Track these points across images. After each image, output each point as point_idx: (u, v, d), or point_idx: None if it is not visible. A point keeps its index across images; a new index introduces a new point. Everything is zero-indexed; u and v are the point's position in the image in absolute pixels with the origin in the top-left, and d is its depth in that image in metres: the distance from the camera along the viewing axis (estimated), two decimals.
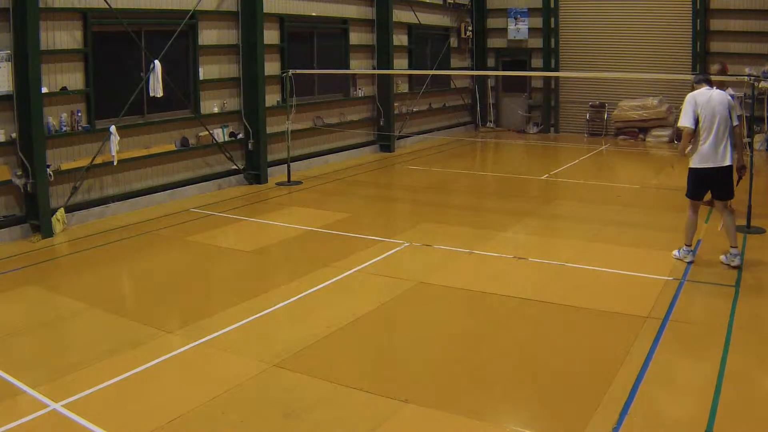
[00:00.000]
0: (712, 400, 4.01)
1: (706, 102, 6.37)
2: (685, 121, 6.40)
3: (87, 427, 3.83)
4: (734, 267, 6.39)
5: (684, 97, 6.64)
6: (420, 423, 3.92)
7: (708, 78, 6.74)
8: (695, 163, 6.46)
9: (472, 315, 5.62)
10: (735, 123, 6.39)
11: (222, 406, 4.07)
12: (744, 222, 7.79)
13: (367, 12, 14.11)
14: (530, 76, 17.48)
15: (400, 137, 14.97)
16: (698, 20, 15.09)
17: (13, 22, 7.64)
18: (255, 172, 11.08)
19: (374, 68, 14.26)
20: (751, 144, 9.65)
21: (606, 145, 15.33)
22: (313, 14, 12.65)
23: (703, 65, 15.03)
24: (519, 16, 17.50)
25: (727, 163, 6.36)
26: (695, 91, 6.49)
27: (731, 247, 6.48)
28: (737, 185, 6.72)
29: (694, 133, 6.36)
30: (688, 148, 6.50)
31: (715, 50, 15.09)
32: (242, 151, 11.11)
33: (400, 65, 15.28)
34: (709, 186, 6.51)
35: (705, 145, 6.34)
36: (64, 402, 4.09)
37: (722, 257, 6.59)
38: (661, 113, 15.26)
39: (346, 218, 8.77)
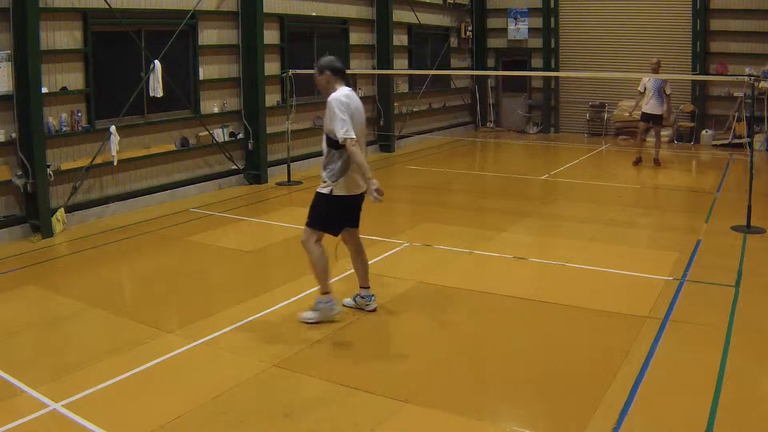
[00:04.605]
0: (712, 400, 4.01)
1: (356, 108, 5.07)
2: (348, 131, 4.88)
3: (87, 427, 3.82)
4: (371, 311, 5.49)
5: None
6: (420, 423, 3.92)
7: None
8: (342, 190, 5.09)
9: (472, 315, 5.62)
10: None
11: (222, 406, 4.07)
12: (744, 222, 7.79)
13: (367, 12, 14.11)
14: (530, 76, 17.49)
15: (400, 137, 14.97)
16: (698, 20, 15.08)
17: (13, 22, 7.64)
18: (255, 172, 11.08)
19: (374, 68, 14.26)
20: (751, 144, 9.67)
21: (606, 145, 15.33)
22: (313, 14, 12.65)
23: (704, 65, 15.08)
24: (519, 16, 17.50)
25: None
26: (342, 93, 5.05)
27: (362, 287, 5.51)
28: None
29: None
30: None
31: (715, 50, 15.10)
32: (242, 151, 11.11)
33: (400, 65, 15.28)
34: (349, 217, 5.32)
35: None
36: (64, 402, 4.09)
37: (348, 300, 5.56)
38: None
39: None
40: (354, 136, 4.88)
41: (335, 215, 5.21)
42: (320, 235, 5.25)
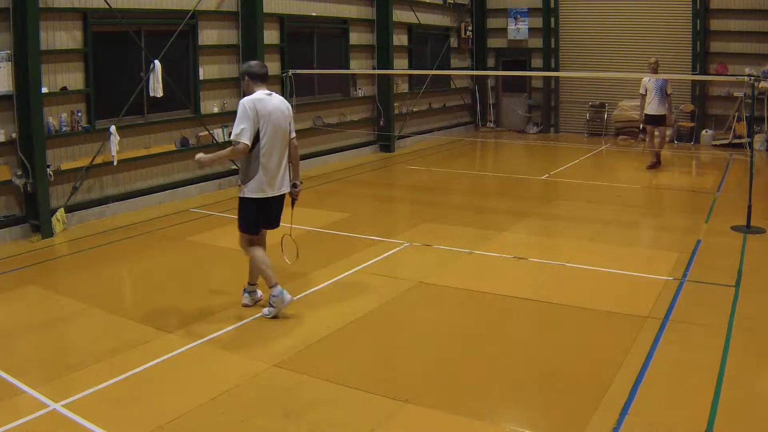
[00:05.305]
0: (712, 400, 4.01)
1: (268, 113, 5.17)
2: (240, 135, 5.08)
3: (87, 427, 3.82)
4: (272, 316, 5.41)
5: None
6: (420, 423, 3.92)
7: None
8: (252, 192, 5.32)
9: (472, 315, 5.61)
10: (293, 135, 5.45)
11: (222, 406, 4.07)
12: (744, 222, 7.79)
13: (367, 12, 14.11)
14: (530, 76, 17.50)
15: (400, 137, 14.97)
16: (698, 20, 15.09)
17: (13, 22, 7.64)
18: None
19: (374, 68, 14.26)
20: (751, 144, 9.68)
21: (606, 145, 15.33)
22: (313, 14, 12.65)
23: (704, 65, 15.08)
24: (519, 16, 17.51)
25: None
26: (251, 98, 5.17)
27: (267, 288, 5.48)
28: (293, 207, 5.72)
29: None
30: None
31: (715, 50, 15.11)
32: None
33: (400, 65, 15.28)
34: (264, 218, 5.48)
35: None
36: (64, 402, 4.09)
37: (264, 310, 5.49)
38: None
39: (346, 218, 8.77)
40: (245, 141, 5.10)
41: (251, 216, 5.46)
42: (251, 237, 5.55)
